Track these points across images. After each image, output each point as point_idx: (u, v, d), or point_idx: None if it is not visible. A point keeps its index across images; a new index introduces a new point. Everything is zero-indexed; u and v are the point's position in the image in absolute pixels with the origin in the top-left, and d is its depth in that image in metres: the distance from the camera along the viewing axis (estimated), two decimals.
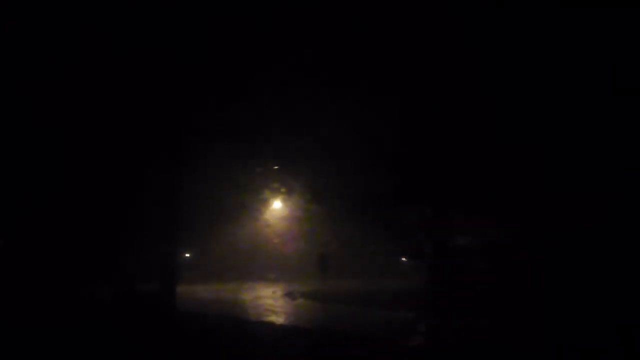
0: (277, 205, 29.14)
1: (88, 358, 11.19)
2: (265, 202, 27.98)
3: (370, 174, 20.49)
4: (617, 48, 16.23)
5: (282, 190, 23.90)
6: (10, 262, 21.85)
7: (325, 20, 18.03)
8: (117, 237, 23.76)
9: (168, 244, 19.60)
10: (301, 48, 18.41)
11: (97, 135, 19.66)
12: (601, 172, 17.83)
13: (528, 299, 17.98)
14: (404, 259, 39.75)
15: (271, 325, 17.44)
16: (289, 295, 27.39)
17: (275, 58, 18.63)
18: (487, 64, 18.16)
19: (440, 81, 18.95)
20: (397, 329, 15.76)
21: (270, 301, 25.87)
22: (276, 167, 23.52)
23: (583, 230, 18.68)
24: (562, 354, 11.37)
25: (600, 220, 18.32)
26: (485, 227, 21.26)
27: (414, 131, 20.05)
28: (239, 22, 18.08)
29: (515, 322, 15.75)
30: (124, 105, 18.96)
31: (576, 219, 18.81)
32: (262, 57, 18.58)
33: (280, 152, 21.61)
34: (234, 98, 19.34)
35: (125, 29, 17.57)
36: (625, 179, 17.48)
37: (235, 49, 18.44)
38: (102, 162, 20.34)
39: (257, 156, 21.45)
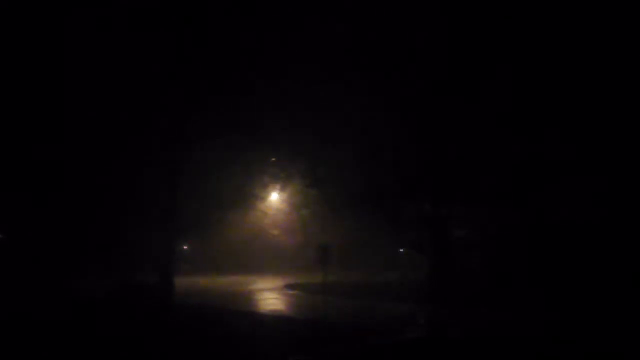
0: (275, 197, 29.05)
1: (86, 350, 11.11)
2: (264, 194, 27.84)
3: (371, 167, 20.43)
4: (617, 41, 16.17)
5: (282, 175, 23.72)
6: (9, 256, 21.77)
7: (327, 12, 17.89)
8: (116, 230, 23.66)
9: (166, 236, 19.50)
10: (304, 40, 18.28)
11: (95, 128, 19.52)
12: (599, 167, 17.83)
13: (526, 290, 18.00)
14: (401, 250, 39.83)
15: (269, 317, 17.38)
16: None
17: (277, 49, 18.50)
18: (485, 59, 18.09)
19: (441, 76, 18.87)
20: (396, 320, 15.72)
21: (269, 293, 25.83)
22: (273, 160, 23.37)
23: (580, 224, 18.71)
24: (560, 345, 11.34)
25: (598, 213, 18.32)
26: (484, 220, 21.26)
27: (414, 126, 19.97)
28: (238, 14, 17.94)
29: (514, 313, 15.74)
30: (122, 98, 18.83)
31: (574, 212, 18.82)
32: (264, 48, 18.44)
33: (281, 144, 21.49)
34: (234, 89, 19.20)
35: (123, 24, 17.43)
36: (623, 174, 17.47)
37: (236, 41, 18.29)
38: (100, 155, 20.20)
39: (257, 147, 21.31)
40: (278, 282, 31.86)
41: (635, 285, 16.39)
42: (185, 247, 41.44)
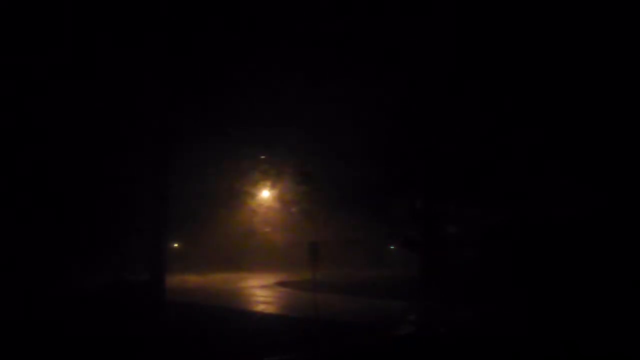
0: (266, 195, 29.02)
1: (77, 348, 11.06)
2: (255, 191, 27.81)
3: (362, 164, 20.45)
4: (610, 36, 16.24)
5: (272, 172, 23.69)
6: None
7: (318, 8, 17.85)
8: (107, 228, 23.52)
9: (157, 234, 19.43)
10: (295, 37, 18.25)
11: (85, 126, 19.39)
12: (592, 166, 17.94)
13: (519, 288, 18.09)
14: (392, 247, 39.90)
15: (261, 314, 17.39)
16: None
17: (267, 46, 18.46)
18: (477, 56, 18.13)
19: (431, 73, 18.89)
20: (387, 318, 15.76)
21: (260, 291, 25.82)
22: (262, 157, 23.35)
23: (573, 221, 18.81)
24: (552, 344, 11.42)
25: (590, 212, 18.44)
26: (476, 217, 21.34)
27: (406, 122, 20.00)
28: (228, 11, 17.87)
29: (505, 311, 15.82)
30: (111, 96, 18.72)
31: (566, 210, 18.92)
32: (254, 45, 18.39)
33: (271, 141, 21.46)
34: (224, 86, 19.14)
35: (111, 24, 17.31)
36: (616, 174, 17.59)
37: (226, 37, 18.23)
38: (91, 154, 20.08)
39: (247, 144, 21.27)
40: (269, 279, 31.85)
41: (628, 283, 16.48)
42: (175, 245, 41.30)
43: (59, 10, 17.05)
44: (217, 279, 32.81)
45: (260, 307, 19.30)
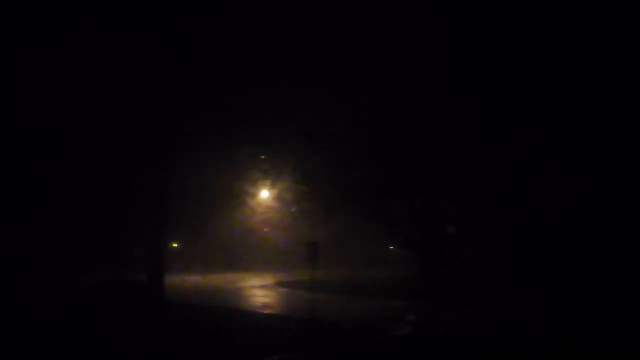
0: (266, 194, 29.03)
1: (75, 348, 11.04)
2: (254, 191, 27.81)
3: (362, 164, 20.44)
4: (610, 35, 16.26)
5: (271, 172, 23.68)
6: None
7: (314, 9, 17.85)
8: (106, 228, 23.53)
9: (157, 234, 19.41)
10: (291, 37, 18.24)
11: (85, 126, 19.39)
12: (592, 166, 17.95)
13: (517, 287, 18.12)
14: (391, 247, 39.97)
15: (260, 315, 17.37)
16: None
17: (265, 46, 18.45)
18: (477, 55, 18.12)
19: (430, 73, 18.88)
20: (386, 318, 15.76)
21: (259, 291, 25.81)
22: (263, 157, 23.35)
23: (573, 221, 18.83)
24: (550, 343, 11.42)
25: (590, 212, 18.46)
26: (475, 217, 21.35)
27: (406, 122, 20.00)
28: (225, 12, 17.87)
29: (505, 311, 15.84)
30: (110, 97, 18.72)
31: (566, 209, 18.94)
32: (252, 46, 18.39)
33: (271, 140, 21.45)
34: (223, 87, 19.13)
35: (111, 19, 17.31)
36: (616, 174, 17.59)
37: (224, 38, 18.23)
38: (91, 154, 20.07)
39: (246, 144, 21.25)
40: (269, 279, 31.85)
41: (628, 283, 16.50)
42: (175, 245, 41.33)
43: (59, 11, 17.07)
44: (216, 279, 32.80)
45: (260, 307, 19.29)
